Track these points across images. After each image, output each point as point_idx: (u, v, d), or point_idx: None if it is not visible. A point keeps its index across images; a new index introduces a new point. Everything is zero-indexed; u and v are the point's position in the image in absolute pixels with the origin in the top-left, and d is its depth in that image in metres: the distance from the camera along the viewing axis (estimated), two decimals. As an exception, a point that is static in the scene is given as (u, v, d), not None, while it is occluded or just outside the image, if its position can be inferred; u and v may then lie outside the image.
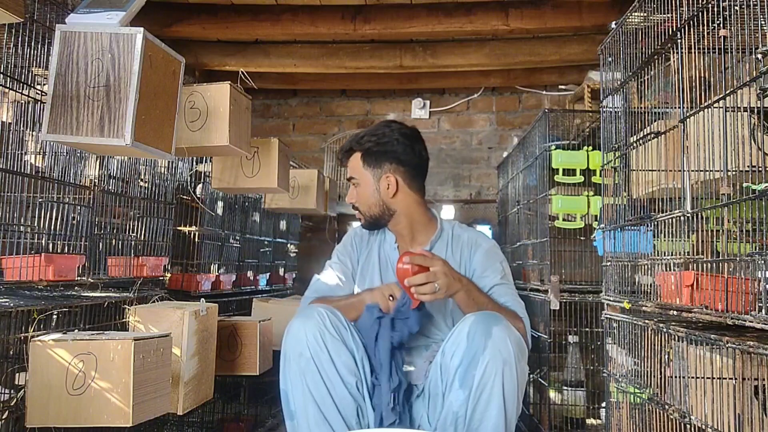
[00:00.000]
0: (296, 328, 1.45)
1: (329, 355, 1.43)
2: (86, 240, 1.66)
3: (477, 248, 1.71)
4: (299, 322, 1.46)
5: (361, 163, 1.71)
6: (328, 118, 4.26)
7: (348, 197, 1.76)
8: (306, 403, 1.42)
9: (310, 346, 1.43)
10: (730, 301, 1.02)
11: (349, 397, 1.43)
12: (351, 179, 1.74)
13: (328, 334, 1.44)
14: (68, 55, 1.32)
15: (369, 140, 1.71)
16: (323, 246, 4.07)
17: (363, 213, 1.74)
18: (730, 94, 1.05)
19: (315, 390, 1.42)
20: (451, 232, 1.76)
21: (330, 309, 1.50)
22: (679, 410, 1.19)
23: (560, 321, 2.33)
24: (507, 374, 1.34)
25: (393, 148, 1.70)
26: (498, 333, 1.35)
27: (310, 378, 1.42)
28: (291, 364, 1.45)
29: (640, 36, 1.46)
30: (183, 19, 3.08)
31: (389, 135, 1.70)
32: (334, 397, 1.42)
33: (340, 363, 1.44)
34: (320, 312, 1.47)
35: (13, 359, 1.40)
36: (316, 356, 1.42)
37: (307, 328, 1.44)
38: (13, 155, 1.56)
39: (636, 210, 1.53)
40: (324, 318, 1.46)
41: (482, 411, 1.34)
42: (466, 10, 3.00)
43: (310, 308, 1.50)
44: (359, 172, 1.72)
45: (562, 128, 2.51)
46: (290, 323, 1.49)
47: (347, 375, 1.44)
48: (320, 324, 1.44)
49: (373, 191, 1.71)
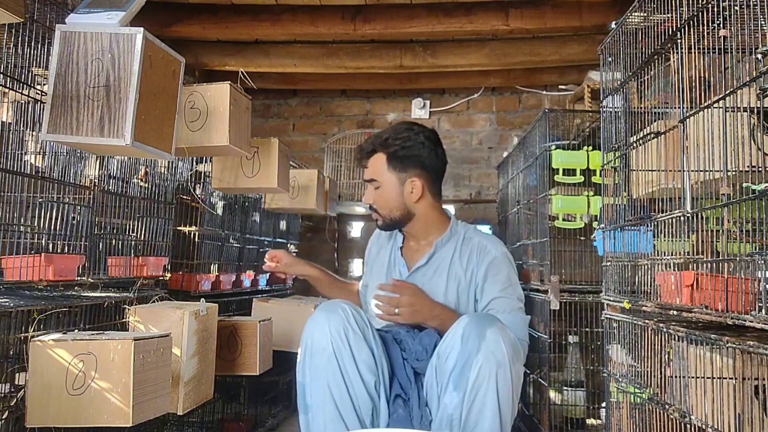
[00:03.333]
0: (320, 322, 1.44)
1: (351, 352, 1.42)
2: (86, 240, 1.66)
3: (485, 256, 1.68)
4: (323, 316, 1.45)
5: (386, 166, 1.69)
6: (328, 118, 4.26)
7: (366, 198, 1.74)
8: (324, 399, 1.41)
9: (333, 341, 1.42)
10: (730, 301, 1.02)
11: (367, 395, 1.43)
12: (372, 181, 1.71)
13: (351, 331, 1.43)
14: (68, 55, 1.32)
15: (395, 143, 1.68)
16: (323, 246, 4.08)
17: (382, 215, 1.73)
18: (730, 94, 1.05)
19: (334, 387, 1.41)
20: (462, 236, 1.74)
21: (353, 305, 1.49)
22: (679, 410, 1.19)
23: (560, 321, 2.33)
24: (501, 376, 1.34)
25: (419, 152, 1.68)
26: (491, 335, 1.35)
27: (330, 374, 1.41)
28: (312, 358, 1.43)
29: (640, 36, 1.46)
30: (183, 19, 3.08)
31: (414, 138, 1.69)
32: (352, 396, 1.41)
33: (361, 361, 1.43)
34: (344, 308, 1.46)
35: (13, 359, 1.40)
36: (338, 352, 1.41)
37: (332, 323, 1.43)
38: (13, 155, 1.56)
39: (636, 210, 1.53)
40: (348, 314, 1.45)
41: (477, 413, 1.34)
42: (466, 10, 3.00)
43: (334, 303, 1.49)
44: (383, 175, 1.70)
45: (562, 128, 2.51)
46: (313, 316, 1.47)
47: (367, 373, 1.43)
48: (344, 320, 1.44)
49: (396, 194, 1.69)
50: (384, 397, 1.47)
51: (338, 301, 1.52)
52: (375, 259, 1.87)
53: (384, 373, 1.48)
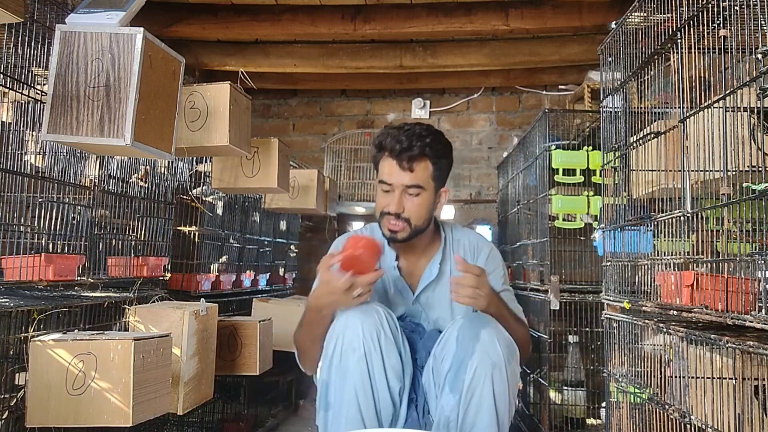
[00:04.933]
0: (354, 323, 1.38)
1: (381, 356, 1.37)
2: (86, 240, 1.66)
3: (479, 253, 1.66)
4: (358, 316, 1.38)
5: (431, 174, 1.55)
6: (328, 118, 4.26)
7: (397, 206, 1.51)
8: (349, 401, 1.37)
9: (365, 343, 1.36)
10: (730, 301, 1.02)
11: (390, 402, 1.39)
12: (415, 187, 1.52)
13: (383, 335, 1.38)
14: (68, 55, 1.32)
15: (440, 151, 1.55)
16: (323, 246, 4.06)
17: (413, 226, 1.54)
18: (730, 94, 1.05)
19: (361, 389, 1.36)
20: (451, 238, 1.68)
21: (387, 309, 1.43)
22: (679, 410, 1.19)
23: (560, 321, 2.33)
24: (497, 377, 1.33)
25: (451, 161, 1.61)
26: (486, 336, 1.34)
27: (358, 376, 1.36)
28: (342, 357, 1.38)
29: (640, 36, 1.46)
30: (183, 19, 3.07)
31: (449, 147, 1.60)
32: (377, 400, 1.38)
33: (390, 366, 1.38)
34: (378, 310, 1.40)
35: (13, 359, 1.40)
36: (369, 355, 1.36)
37: (365, 325, 1.37)
38: (13, 155, 1.56)
39: (636, 210, 1.53)
40: (382, 317, 1.39)
41: (473, 414, 1.34)
42: (466, 10, 3.00)
43: (369, 305, 1.42)
44: (428, 183, 1.55)
45: (562, 128, 2.51)
46: (347, 315, 1.39)
47: (393, 379, 1.39)
48: (378, 323, 1.38)
49: (431, 205, 1.57)
50: (404, 404, 1.44)
51: (373, 303, 1.45)
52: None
53: (407, 379, 1.44)
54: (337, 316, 1.41)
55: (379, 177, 1.55)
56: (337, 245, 1.64)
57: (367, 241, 1.41)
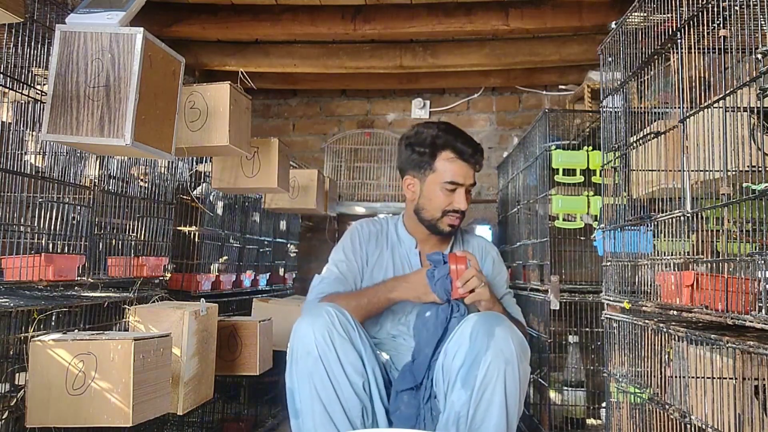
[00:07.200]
0: (305, 327, 1.44)
1: (337, 355, 1.42)
2: (86, 240, 1.66)
3: (486, 256, 1.81)
4: (308, 320, 1.45)
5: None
6: (328, 118, 4.26)
7: (465, 204, 1.73)
8: (312, 403, 1.41)
9: (318, 345, 1.41)
10: (730, 301, 1.02)
11: (355, 397, 1.42)
12: (474, 185, 1.75)
13: (336, 334, 1.43)
14: (68, 55, 1.32)
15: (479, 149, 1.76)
16: (323, 246, 4.07)
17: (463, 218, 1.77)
18: (730, 94, 1.05)
19: (322, 390, 1.41)
20: (461, 236, 1.84)
21: (338, 308, 1.48)
22: (679, 410, 1.19)
23: (560, 321, 2.33)
24: (509, 374, 1.34)
25: None
26: (500, 333, 1.36)
27: (317, 378, 1.41)
28: (298, 362, 1.43)
29: (640, 36, 1.46)
30: (183, 19, 3.07)
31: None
32: (341, 398, 1.41)
33: (348, 363, 1.43)
34: (328, 311, 1.45)
35: (13, 359, 1.40)
36: (324, 356, 1.41)
37: (316, 327, 1.42)
38: (13, 155, 1.56)
39: (636, 210, 1.53)
40: (332, 317, 1.44)
41: (484, 411, 1.35)
42: (466, 10, 3.00)
43: (319, 307, 1.49)
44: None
45: (562, 128, 2.51)
46: (298, 321, 1.47)
47: (354, 375, 1.43)
48: (329, 323, 1.43)
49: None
50: (378, 397, 1.47)
51: (323, 304, 1.52)
52: (376, 262, 1.78)
53: (375, 373, 1.48)
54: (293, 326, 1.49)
55: (446, 179, 1.69)
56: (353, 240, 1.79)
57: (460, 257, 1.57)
